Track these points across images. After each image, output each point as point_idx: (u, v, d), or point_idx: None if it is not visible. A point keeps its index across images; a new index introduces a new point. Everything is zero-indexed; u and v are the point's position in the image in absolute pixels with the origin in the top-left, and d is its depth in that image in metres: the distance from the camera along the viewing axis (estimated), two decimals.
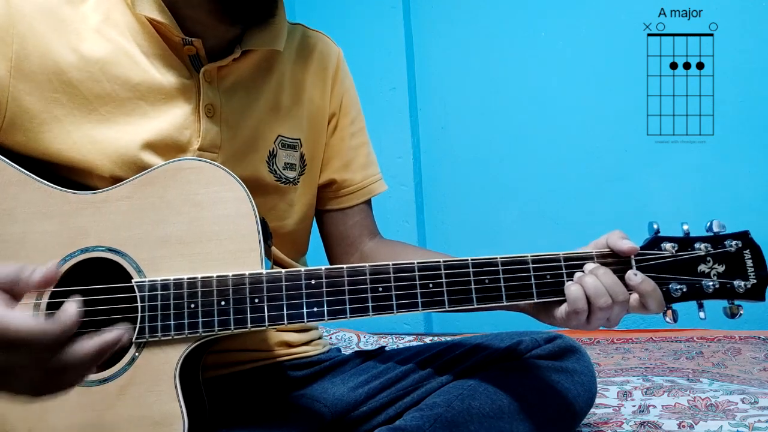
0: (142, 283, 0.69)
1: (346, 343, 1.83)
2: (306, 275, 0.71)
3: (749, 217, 1.87)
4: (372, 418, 0.88)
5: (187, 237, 0.71)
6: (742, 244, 0.74)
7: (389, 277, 0.72)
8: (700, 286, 0.73)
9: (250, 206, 0.72)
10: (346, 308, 0.71)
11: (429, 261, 0.73)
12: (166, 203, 0.71)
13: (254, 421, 0.82)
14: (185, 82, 0.79)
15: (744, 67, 1.87)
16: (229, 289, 0.70)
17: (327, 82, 0.93)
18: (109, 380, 0.68)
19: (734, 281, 0.73)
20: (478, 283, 0.73)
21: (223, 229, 0.71)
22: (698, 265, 0.74)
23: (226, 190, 0.72)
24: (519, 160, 2.16)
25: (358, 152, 0.97)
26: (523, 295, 0.73)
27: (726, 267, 0.73)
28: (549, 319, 0.77)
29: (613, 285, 0.71)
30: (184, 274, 0.70)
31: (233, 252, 0.71)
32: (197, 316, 0.69)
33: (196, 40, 0.78)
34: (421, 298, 0.72)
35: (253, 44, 0.82)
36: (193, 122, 0.79)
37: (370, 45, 2.25)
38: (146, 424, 0.67)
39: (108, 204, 0.71)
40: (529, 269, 0.74)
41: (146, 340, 0.68)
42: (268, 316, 0.70)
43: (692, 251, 0.74)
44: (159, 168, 0.72)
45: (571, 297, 0.72)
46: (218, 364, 0.84)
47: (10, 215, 0.70)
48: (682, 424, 1.05)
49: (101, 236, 0.70)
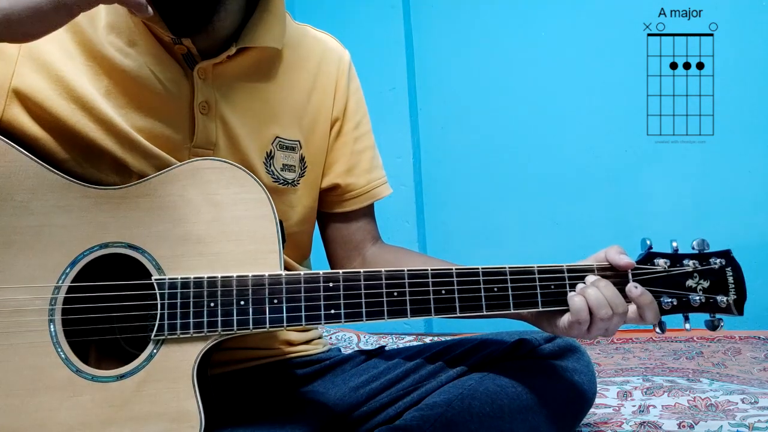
0: (162, 281, 0.69)
1: (346, 343, 1.83)
2: (324, 278, 0.72)
3: (749, 217, 1.87)
4: (372, 418, 0.88)
5: (206, 236, 0.71)
6: (725, 262, 0.79)
7: (404, 282, 0.73)
8: (688, 299, 0.78)
9: (270, 208, 0.73)
10: (362, 311, 0.72)
11: (442, 268, 0.75)
12: (186, 202, 0.72)
13: (257, 419, 0.82)
14: (179, 79, 0.79)
15: (744, 67, 1.87)
16: (249, 289, 0.70)
17: (331, 85, 0.93)
18: (126, 376, 0.68)
19: (717, 296, 0.79)
20: (487, 291, 0.75)
21: (242, 229, 0.72)
22: (686, 280, 0.79)
23: (246, 191, 0.73)
24: (519, 159, 2.16)
25: (362, 156, 0.97)
26: (528, 304, 0.76)
27: (710, 282, 0.79)
28: (551, 327, 0.80)
29: (614, 297, 0.74)
30: (203, 273, 0.70)
31: (252, 253, 0.72)
32: (216, 315, 0.69)
33: (185, 40, 0.78)
34: (434, 304, 0.74)
35: (249, 41, 0.82)
36: (187, 119, 0.79)
37: (370, 45, 2.25)
38: (163, 421, 0.67)
39: (127, 200, 0.71)
40: (535, 279, 0.76)
41: (165, 338, 0.69)
42: (286, 317, 0.70)
43: (681, 267, 0.79)
44: (179, 167, 0.73)
45: (574, 307, 0.74)
46: (222, 361, 0.85)
47: (26, 208, 0.69)
48: (682, 424, 1.05)
49: (121, 232, 0.70)
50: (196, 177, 0.72)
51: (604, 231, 2.00)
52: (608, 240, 0.84)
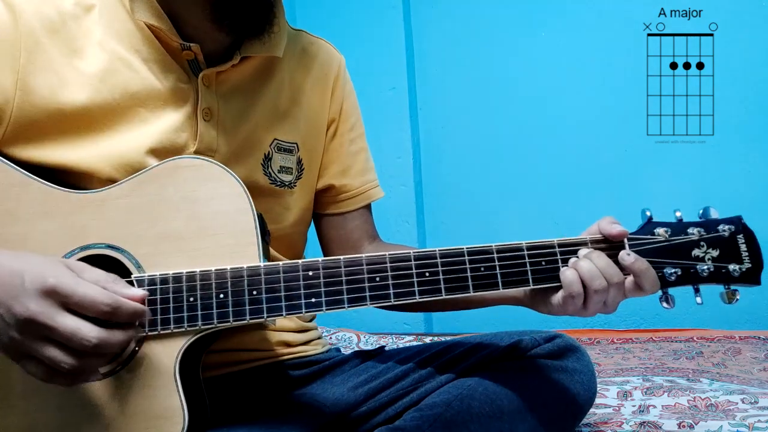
0: (142, 278, 0.70)
1: (346, 343, 1.83)
2: (303, 267, 0.72)
3: (749, 217, 1.86)
4: (371, 418, 0.88)
5: (185, 233, 0.72)
6: (735, 228, 0.74)
7: (386, 266, 0.72)
8: (695, 270, 0.73)
9: (248, 202, 0.73)
10: (344, 298, 0.71)
11: (425, 250, 0.73)
12: (165, 200, 0.72)
13: (254, 421, 0.82)
14: (183, 86, 0.80)
15: (744, 67, 1.87)
16: (228, 281, 0.70)
17: (327, 88, 0.94)
18: (109, 375, 0.69)
19: (729, 265, 0.73)
20: (474, 270, 0.73)
21: (220, 224, 0.72)
22: (692, 250, 0.74)
23: (223, 186, 0.73)
24: (519, 160, 2.16)
25: (357, 158, 0.98)
26: (519, 282, 0.74)
27: (720, 251, 0.73)
28: (547, 307, 0.77)
29: (607, 267, 0.72)
30: (182, 269, 0.70)
31: (231, 247, 0.72)
32: (196, 309, 0.70)
33: (194, 45, 0.79)
34: (417, 287, 0.72)
35: (252, 51, 0.83)
36: (190, 126, 0.80)
37: (370, 45, 2.25)
38: (147, 418, 0.68)
39: (107, 202, 0.72)
40: (524, 256, 0.74)
41: (146, 334, 0.69)
42: (266, 308, 0.70)
43: (685, 236, 0.74)
44: (157, 166, 0.73)
45: (566, 281, 0.72)
46: (218, 363, 0.84)
47: (12, 215, 0.71)
48: (682, 424, 1.05)
49: (101, 234, 0.71)
50: (173, 175, 0.73)
51: None
52: None
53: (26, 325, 0.58)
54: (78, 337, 0.59)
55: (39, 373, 0.60)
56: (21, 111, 0.74)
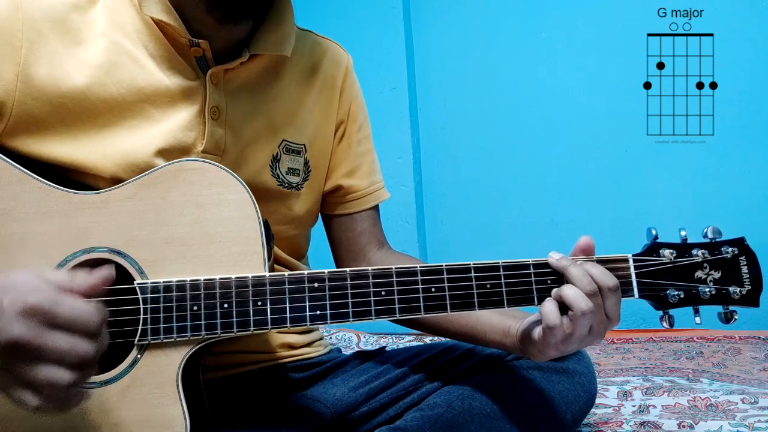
0: (145, 285, 0.68)
1: (347, 344, 1.83)
2: (309, 278, 0.70)
3: (749, 217, 1.87)
4: (372, 418, 0.88)
5: (189, 239, 0.70)
6: (738, 250, 0.75)
7: (392, 281, 0.71)
8: (697, 292, 0.74)
9: (254, 208, 0.71)
10: (349, 311, 0.70)
11: (431, 265, 0.73)
12: (169, 204, 0.71)
13: (255, 423, 0.82)
14: (191, 84, 0.78)
15: (744, 68, 1.87)
16: (233, 291, 0.69)
17: (336, 89, 0.93)
18: (110, 382, 0.68)
19: (730, 287, 0.74)
20: (480, 287, 0.73)
21: (225, 231, 0.71)
22: (695, 272, 0.75)
23: (229, 191, 0.71)
24: (519, 160, 2.16)
25: (365, 159, 0.97)
26: (523, 300, 0.73)
27: (722, 273, 0.74)
28: (534, 349, 0.74)
29: (600, 276, 0.70)
30: (186, 276, 0.69)
31: (236, 254, 0.70)
32: (200, 319, 0.68)
33: (202, 42, 0.77)
34: (423, 302, 0.71)
35: (261, 48, 0.82)
36: (198, 124, 0.78)
37: (370, 45, 2.25)
38: (148, 427, 0.67)
39: (110, 205, 0.70)
40: (530, 275, 0.73)
41: (148, 342, 0.68)
42: (271, 319, 0.69)
43: (690, 258, 0.75)
44: (161, 168, 0.72)
45: (569, 299, 0.70)
46: (219, 365, 0.84)
47: (9, 215, 0.69)
48: (682, 424, 1.05)
49: (103, 237, 0.70)
50: (178, 178, 0.71)
51: (604, 231, 2.00)
52: (608, 240, 0.83)
53: (13, 350, 0.54)
54: (75, 351, 0.55)
55: (33, 401, 0.55)
56: (23, 103, 0.73)
